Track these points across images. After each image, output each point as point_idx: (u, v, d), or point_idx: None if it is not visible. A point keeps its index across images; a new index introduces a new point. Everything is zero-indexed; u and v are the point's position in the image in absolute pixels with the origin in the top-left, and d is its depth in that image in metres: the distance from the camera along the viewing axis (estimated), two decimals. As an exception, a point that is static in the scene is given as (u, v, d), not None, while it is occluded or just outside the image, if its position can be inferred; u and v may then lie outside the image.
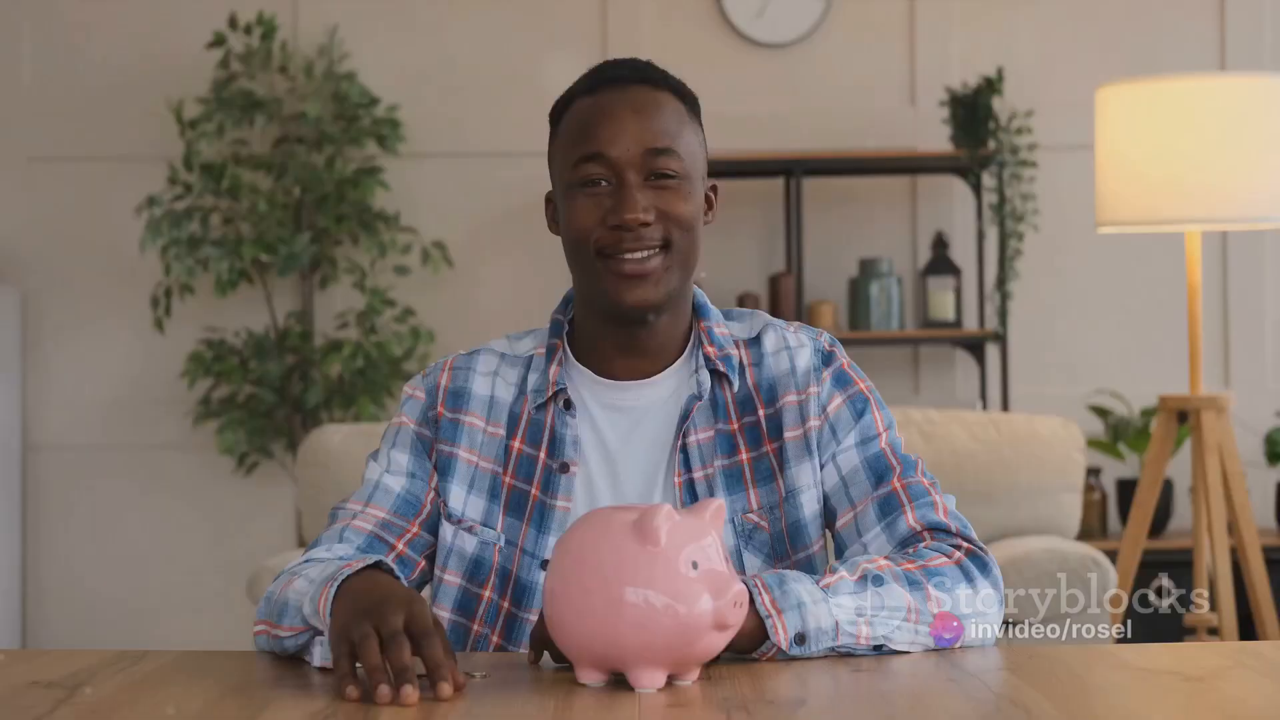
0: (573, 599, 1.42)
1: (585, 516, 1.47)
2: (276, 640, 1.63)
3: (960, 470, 3.82)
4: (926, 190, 5.01)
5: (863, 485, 1.78)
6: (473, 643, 1.80)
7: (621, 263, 1.74)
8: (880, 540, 1.75)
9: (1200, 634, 3.60)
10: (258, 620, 1.69)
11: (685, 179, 1.75)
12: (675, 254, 1.75)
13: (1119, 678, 1.51)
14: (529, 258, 4.97)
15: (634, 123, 1.74)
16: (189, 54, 4.86)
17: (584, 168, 1.74)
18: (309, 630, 1.58)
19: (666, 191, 1.74)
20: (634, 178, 1.74)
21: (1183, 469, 4.76)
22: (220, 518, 4.95)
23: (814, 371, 1.81)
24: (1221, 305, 4.98)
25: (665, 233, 1.74)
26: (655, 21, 4.97)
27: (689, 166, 1.76)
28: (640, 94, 1.76)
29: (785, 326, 1.86)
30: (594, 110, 1.76)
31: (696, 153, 1.78)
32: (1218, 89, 3.45)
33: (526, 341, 1.87)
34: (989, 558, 1.72)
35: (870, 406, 1.81)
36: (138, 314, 4.90)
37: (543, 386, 1.81)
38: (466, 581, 1.80)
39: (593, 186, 1.74)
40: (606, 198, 1.74)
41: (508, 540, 1.79)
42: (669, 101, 1.78)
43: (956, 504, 1.79)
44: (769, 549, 1.78)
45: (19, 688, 1.47)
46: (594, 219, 1.74)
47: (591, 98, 1.77)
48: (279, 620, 1.62)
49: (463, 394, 1.83)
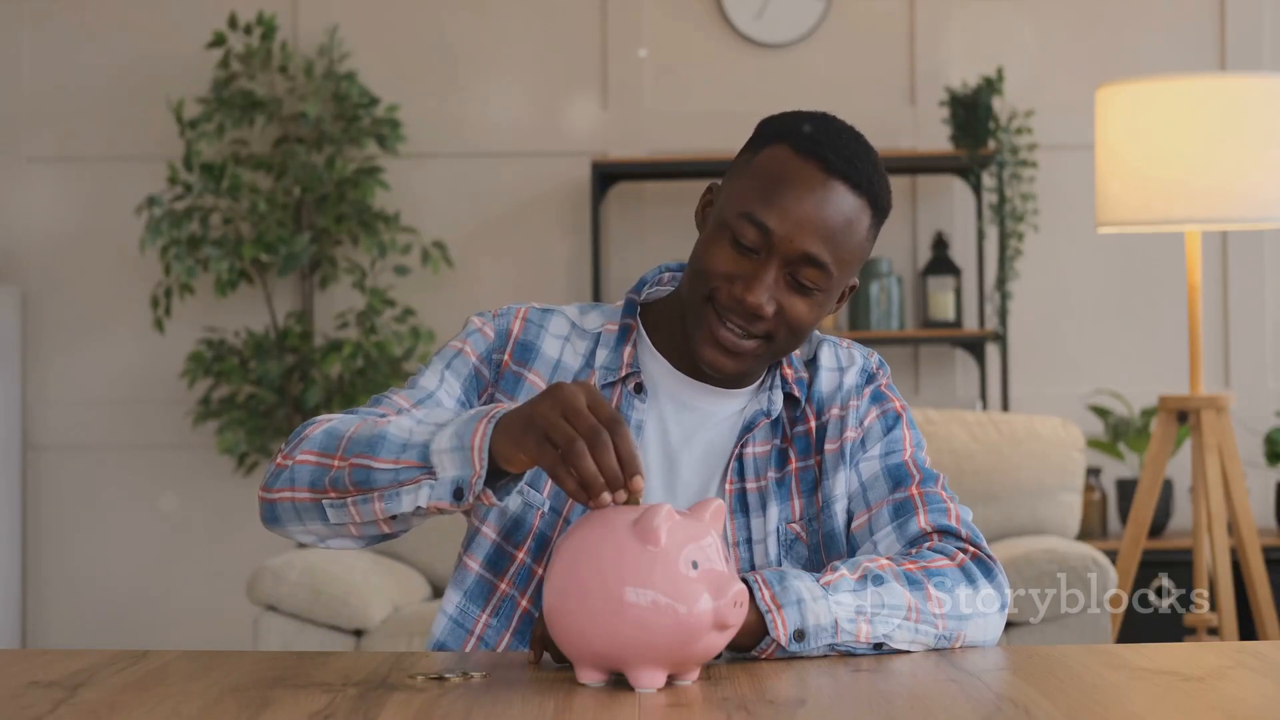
0: (573, 599, 1.42)
1: (585, 516, 1.47)
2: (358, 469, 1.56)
3: (960, 470, 3.82)
4: (926, 190, 5.01)
5: (880, 490, 1.79)
6: (498, 602, 1.77)
7: (720, 327, 1.72)
8: (890, 539, 1.76)
9: (1200, 634, 3.60)
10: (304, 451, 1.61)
11: (825, 291, 1.72)
12: (773, 349, 1.74)
13: (1119, 678, 1.51)
14: (529, 258, 4.97)
15: (813, 219, 1.68)
16: (189, 54, 4.87)
17: (744, 224, 1.70)
18: (422, 467, 1.53)
19: (798, 297, 1.71)
20: (779, 268, 1.70)
21: (1183, 469, 4.76)
22: (220, 518, 4.95)
23: (857, 389, 1.83)
24: (1221, 305, 4.98)
25: (774, 329, 1.72)
26: (655, 21, 4.97)
27: (837, 281, 1.72)
28: (837, 193, 1.69)
29: (839, 343, 1.87)
30: (789, 178, 1.70)
31: (854, 266, 1.74)
32: (1218, 89, 3.45)
33: (593, 316, 1.84)
34: (995, 565, 1.72)
35: (901, 424, 1.83)
36: (138, 314, 4.90)
37: (616, 365, 1.79)
38: (502, 539, 1.77)
39: (742, 244, 1.70)
40: (747, 262, 1.70)
41: (552, 507, 1.76)
42: (859, 212, 1.71)
43: (973, 518, 1.79)
44: (806, 560, 1.78)
45: (19, 688, 1.47)
46: (725, 271, 1.71)
47: (798, 161, 1.70)
48: (371, 450, 1.56)
49: (531, 349, 1.80)
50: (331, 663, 1.59)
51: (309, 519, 1.62)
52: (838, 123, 1.76)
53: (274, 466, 1.64)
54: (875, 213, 1.74)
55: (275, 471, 1.63)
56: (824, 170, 1.70)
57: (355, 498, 1.57)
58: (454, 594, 1.79)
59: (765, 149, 1.73)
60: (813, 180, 1.69)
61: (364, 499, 1.57)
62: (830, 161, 1.70)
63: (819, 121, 1.75)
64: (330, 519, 1.60)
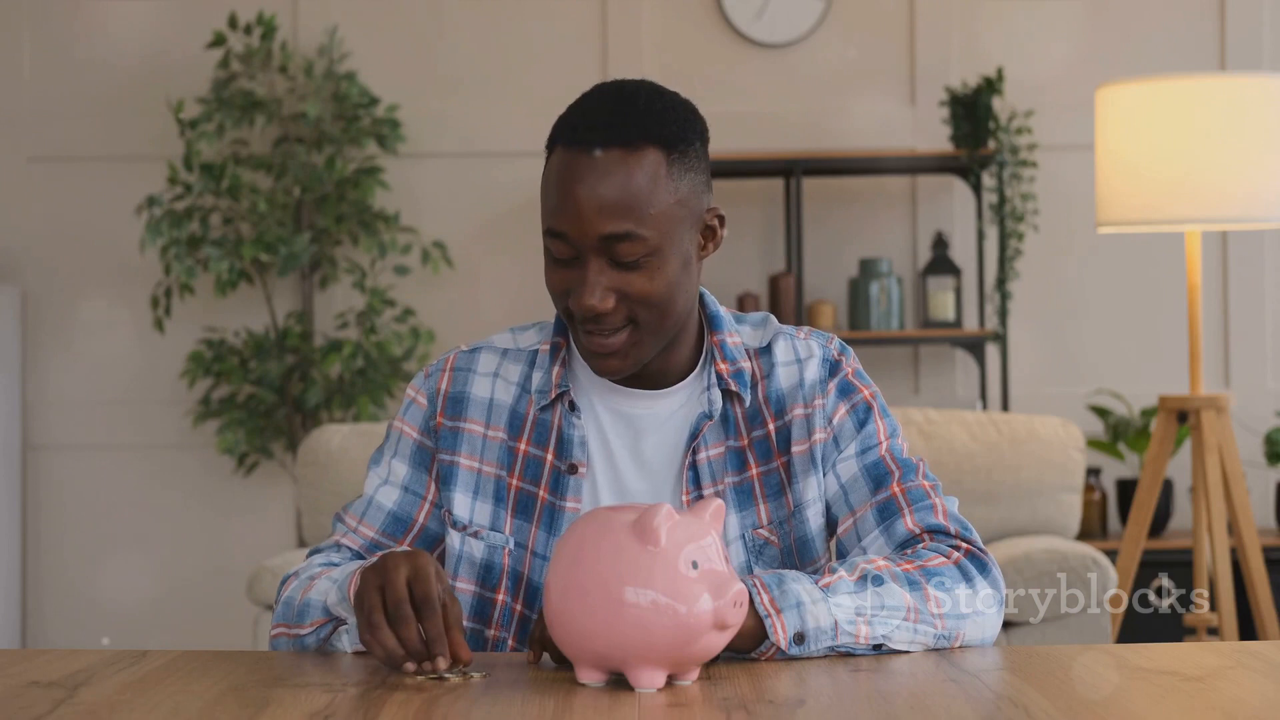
0: (572, 599, 1.42)
1: (585, 516, 1.47)
2: (297, 639, 1.71)
3: (960, 470, 3.82)
4: (926, 190, 5.01)
5: (862, 492, 1.77)
6: (491, 647, 1.79)
7: (587, 336, 1.70)
8: (879, 543, 1.75)
9: (1200, 634, 3.60)
10: (275, 624, 1.76)
11: (654, 253, 1.66)
12: (644, 329, 1.69)
13: (1119, 678, 1.51)
14: (529, 258, 4.94)
15: (593, 203, 1.64)
16: (189, 54, 4.87)
17: (551, 241, 1.68)
18: (330, 621, 1.67)
19: (630, 273, 1.66)
20: (594, 261, 1.66)
21: (1183, 469, 4.76)
22: (220, 518, 4.95)
23: (820, 384, 1.79)
24: (1221, 305, 4.98)
25: (630, 312, 1.68)
26: (655, 21, 4.97)
27: (660, 237, 1.66)
28: (605, 164, 1.64)
29: (796, 333, 1.82)
30: (561, 176, 1.66)
31: (674, 213, 1.66)
32: (1218, 89, 3.45)
33: (531, 334, 1.84)
34: (989, 558, 1.72)
35: (873, 415, 1.79)
36: (138, 314, 4.90)
37: (546, 387, 1.79)
38: (480, 587, 1.78)
39: (559, 258, 1.69)
40: (571, 272, 1.68)
41: (517, 543, 1.77)
42: (641, 163, 1.65)
43: (959, 506, 1.79)
44: (778, 565, 1.77)
45: (19, 688, 1.47)
46: (559, 289, 1.70)
47: (565, 154, 1.67)
48: (300, 620, 1.70)
49: (461, 399, 1.80)
50: (331, 663, 1.60)
51: None
52: (600, 90, 1.73)
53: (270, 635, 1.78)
54: (666, 149, 1.66)
55: (270, 639, 1.78)
56: (584, 150, 1.66)
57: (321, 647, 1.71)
58: None
59: (549, 159, 1.71)
60: (577, 166, 1.65)
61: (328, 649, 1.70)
62: (587, 139, 1.66)
63: (580, 103, 1.72)
64: None
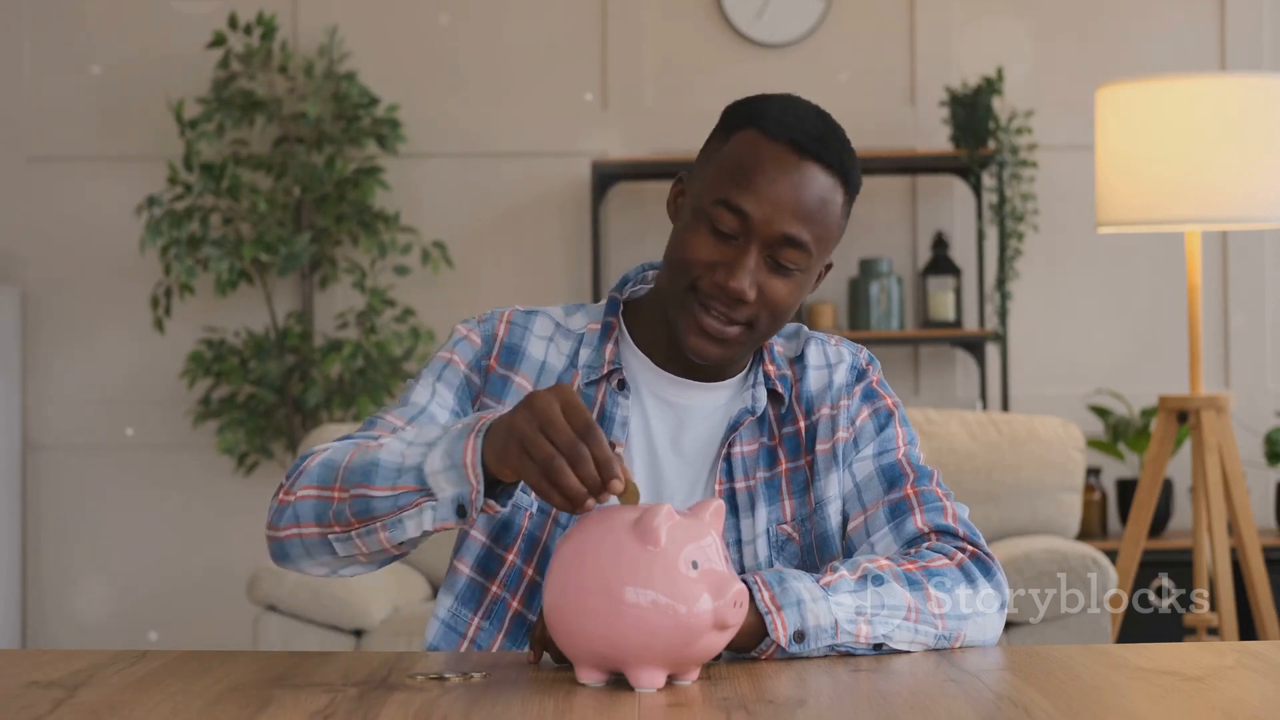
0: (573, 599, 1.42)
1: (585, 516, 1.47)
2: (357, 500, 1.57)
3: (960, 470, 3.82)
4: (926, 190, 5.01)
5: (875, 490, 1.78)
6: (490, 605, 1.77)
7: (705, 314, 1.72)
8: (887, 540, 1.76)
9: (1200, 634, 3.60)
10: (296, 489, 1.62)
11: (804, 270, 1.72)
12: (756, 334, 1.74)
13: (1119, 678, 1.51)
14: (529, 258, 4.97)
15: (790, 201, 1.69)
16: (189, 54, 4.86)
17: (721, 211, 1.70)
18: (419, 491, 1.54)
19: (779, 279, 1.71)
20: (759, 251, 1.70)
21: (1183, 469, 4.76)
22: (220, 518, 4.94)
23: (847, 387, 1.83)
24: (1221, 305, 4.98)
25: (757, 313, 1.71)
26: (655, 21, 4.97)
27: (816, 260, 1.73)
28: (810, 174, 1.70)
29: (827, 340, 1.86)
30: (763, 162, 1.70)
31: (829, 246, 1.74)
32: (1218, 89, 3.45)
33: (579, 317, 1.84)
34: (994, 563, 1.73)
35: (894, 422, 1.83)
36: (138, 314, 4.90)
37: (598, 363, 1.79)
38: (491, 542, 1.78)
39: (721, 230, 1.70)
40: (727, 249, 1.70)
41: (540, 508, 1.77)
42: (833, 191, 1.71)
43: (969, 515, 1.80)
44: (799, 561, 1.78)
45: (19, 688, 1.47)
46: (706, 259, 1.71)
47: (770, 144, 1.71)
48: (367, 480, 1.56)
49: (517, 352, 1.80)
50: (331, 663, 1.59)
51: (317, 553, 1.64)
52: (804, 104, 1.76)
53: (276, 504, 1.65)
54: (847, 190, 1.74)
55: (279, 509, 1.64)
56: (796, 152, 1.70)
57: (359, 529, 1.58)
58: (446, 598, 1.80)
59: (735, 135, 1.73)
60: (786, 162, 1.70)
61: (368, 530, 1.58)
62: (801, 143, 1.70)
63: (786, 104, 1.75)
64: (338, 552, 1.62)
